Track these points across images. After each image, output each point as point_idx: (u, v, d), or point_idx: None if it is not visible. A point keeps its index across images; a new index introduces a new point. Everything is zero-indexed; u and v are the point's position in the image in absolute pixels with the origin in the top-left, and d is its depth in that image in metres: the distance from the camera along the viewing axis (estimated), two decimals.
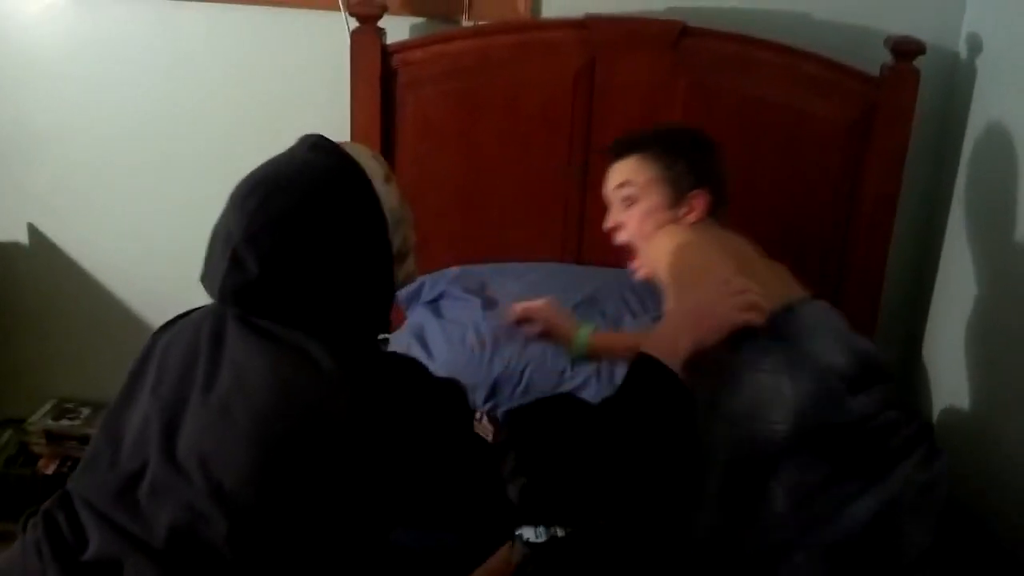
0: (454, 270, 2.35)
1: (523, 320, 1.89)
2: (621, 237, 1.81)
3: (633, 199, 1.76)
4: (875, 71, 2.27)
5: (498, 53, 2.34)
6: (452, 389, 1.30)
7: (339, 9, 2.37)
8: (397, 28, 2.39)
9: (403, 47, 2.32)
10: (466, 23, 2.41)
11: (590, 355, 1.92)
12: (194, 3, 2.44)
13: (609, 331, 2.07)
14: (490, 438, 1.85)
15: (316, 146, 1.31)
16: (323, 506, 1.19)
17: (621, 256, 2.40)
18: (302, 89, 2.49)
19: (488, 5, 2.42)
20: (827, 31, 2.36)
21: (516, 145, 2.37)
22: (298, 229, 1.23)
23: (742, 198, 2.33)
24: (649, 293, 2.31)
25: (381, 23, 2.30)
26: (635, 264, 1.81)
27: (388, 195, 1.31)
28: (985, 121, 2.23)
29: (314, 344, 1.22)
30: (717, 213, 1.79)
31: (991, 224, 2.18)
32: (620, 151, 1.81)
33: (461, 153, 2.36)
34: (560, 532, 1.63)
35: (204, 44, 2.49)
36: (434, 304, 2.31)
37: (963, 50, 2.35)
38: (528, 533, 1.63)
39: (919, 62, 2.25)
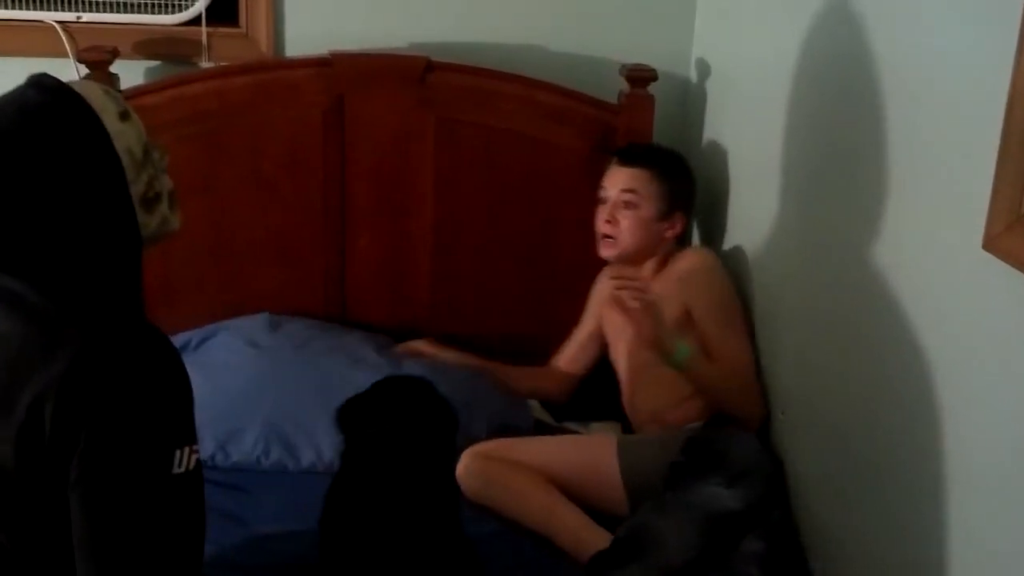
0: (226, 324, 2.27)
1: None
2: (607, 228, 2.16)
3: (633, 204, 2.12)
4: (613, 99, 2.35)
5: (240, 95, 2.27)
6: (183, 399, 1.22)
7: (67, 56, 2.26)
8: (131, 72, 2.29)
9: (136, 92, 2.22)
10: (205, 64, 2.35)
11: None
12: None
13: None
14: None
15: (35, 84, 1.24)
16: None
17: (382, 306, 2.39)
18: None
19: (228, 46, 2.36)
20: (565, 62, 2.42)
21: (265, 189, 2.31)
22: (6, 174, 1.17)
23: (491, 227, 2.37)
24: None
25: (113, 68, 2.21)
26: (608, 246, 2.16)
27: (124, 134, 1.23)
28: (716, 139, 2.36)
29: (35, 295, 1.17)
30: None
31: (728, 239, 2.29)
32: (632, 160, 2.17)
33: (205, 201, 2.24)
34: None
35: None
36: (201, 348, 2.22)
37: (693, 75, 2.47)
38: None
39: (653, 88, 2.34)
